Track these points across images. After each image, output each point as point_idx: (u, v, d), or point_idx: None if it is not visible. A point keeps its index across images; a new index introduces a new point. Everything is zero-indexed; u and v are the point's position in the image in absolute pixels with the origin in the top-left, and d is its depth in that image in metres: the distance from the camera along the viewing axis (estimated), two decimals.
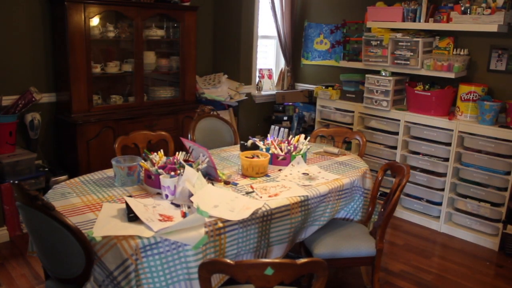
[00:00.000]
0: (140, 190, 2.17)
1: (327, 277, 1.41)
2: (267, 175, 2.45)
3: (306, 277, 2.50)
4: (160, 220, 1.82)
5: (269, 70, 5.19)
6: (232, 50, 4.65)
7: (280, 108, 4.82)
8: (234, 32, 4.57)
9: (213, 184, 2.26)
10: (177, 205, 2.00)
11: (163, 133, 2.93)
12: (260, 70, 5.06)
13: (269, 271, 1.34)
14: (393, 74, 3.85)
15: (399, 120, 3.80)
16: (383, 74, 3.85)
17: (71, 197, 2.05)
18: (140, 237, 1.70)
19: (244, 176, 2.43)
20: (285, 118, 4.74)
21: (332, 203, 2.37)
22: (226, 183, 2.30)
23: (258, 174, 2.42)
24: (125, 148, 2.74)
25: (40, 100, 3.46)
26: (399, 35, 3.75)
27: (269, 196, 2.15)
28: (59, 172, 3.47)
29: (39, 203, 1.61)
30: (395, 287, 2.83)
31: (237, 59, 4.64)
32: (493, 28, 3.26)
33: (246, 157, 2.47)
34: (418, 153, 3.74)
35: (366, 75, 3.96)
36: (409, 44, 3.69)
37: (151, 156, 2.26)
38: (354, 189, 2.50)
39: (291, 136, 2.82)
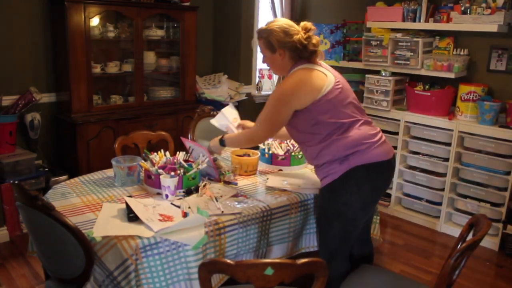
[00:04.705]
0: (140, 190, 2.17)
1: (327, 277, 1.41)
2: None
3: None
4: (160, 220, 1.82)
5: (269, 70, 5.18)
6: (232, 50, 4.64)
7: None
8: (234, 32, 4.57)
9: (210, 183, 2.26)
10: (177, 205, 2.00)
11: (163, 133, 2.93)
12: (260, 70, 5.05)
13: (269, 271, 1.34)
14: (393, 74, 3.84)
15: (399, 120, 3.80)
16: (383, 74, 3.85)
17: (71, 197, 2.05)
18: (140, 237, 1.70)
19: (235, 174, 2.43)
20: None
21: None
22: (226, 183, 2.30)
23: (247, 172, 2.43)
24: (125, 148, 2.74)
25: (40, 100, 3.46)
26: (399, 35, 3.75)
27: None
28: (59, 172, 3.47)
29: (39, 203, 1.61)
30: None
31: (237, 59, 4.64)
32: (493, 28, 3.25)
33: (237, 155, 2.48)
34: (418, 153, 3.73)
35: (366, 75, 3.96)
36: (409, 44, 3.69)
37: (151, 156, 2.26)
38: None
39: None
